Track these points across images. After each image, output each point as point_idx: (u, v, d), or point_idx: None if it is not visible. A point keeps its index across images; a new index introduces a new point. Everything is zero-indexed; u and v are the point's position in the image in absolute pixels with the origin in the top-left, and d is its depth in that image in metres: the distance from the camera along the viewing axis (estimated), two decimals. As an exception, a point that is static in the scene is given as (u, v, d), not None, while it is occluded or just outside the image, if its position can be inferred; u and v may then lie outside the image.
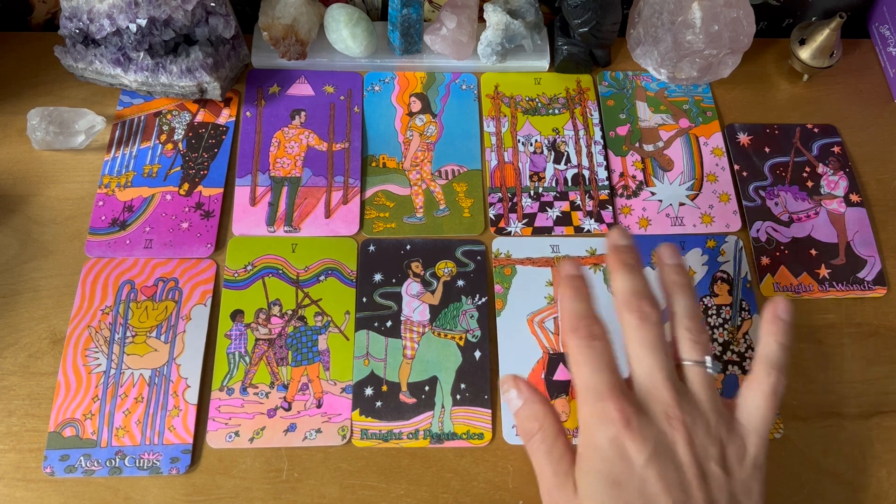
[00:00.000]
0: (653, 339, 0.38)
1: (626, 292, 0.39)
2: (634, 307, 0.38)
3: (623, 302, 0.39)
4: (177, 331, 0.48)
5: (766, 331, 0.40)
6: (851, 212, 0.55)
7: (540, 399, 0.40)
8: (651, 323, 0.38)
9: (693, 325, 0.39)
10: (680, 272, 0.41)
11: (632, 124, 0.58)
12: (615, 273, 0.40)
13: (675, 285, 0.41)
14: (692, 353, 0.39)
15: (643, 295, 0.39)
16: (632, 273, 0.40)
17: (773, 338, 0.39)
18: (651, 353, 0.37)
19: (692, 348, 0.39)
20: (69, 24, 0.52)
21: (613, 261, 0.40)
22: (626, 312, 0.39)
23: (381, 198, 0.54)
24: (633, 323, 0.38)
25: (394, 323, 0.49)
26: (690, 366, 0.38)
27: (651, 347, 0.37)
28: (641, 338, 0.38)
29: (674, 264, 0.42)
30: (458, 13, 0.57)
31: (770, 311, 0.40)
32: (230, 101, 0.58)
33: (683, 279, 0.41)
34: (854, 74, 0.63)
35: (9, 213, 0.52)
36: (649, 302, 0.39)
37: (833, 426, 0.48)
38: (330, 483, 0.45)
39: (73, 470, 0.44)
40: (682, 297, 0.40)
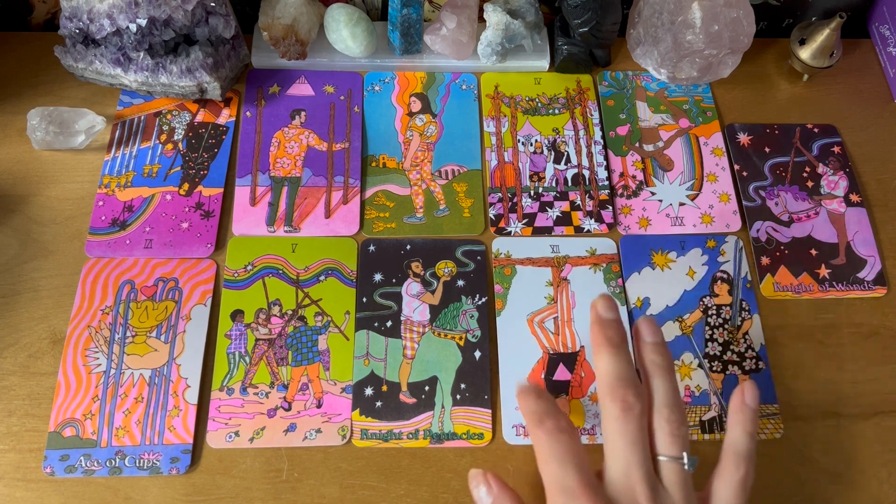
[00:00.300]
0: (633, 432, 0.37)
1: (610, 377, 0.38)
2: (619, 396, 0.37)
3: (607, 388, 0.38)
4: (177, 331, 0.48)
5: (734, 420, 0.39)
6: (851, 212, 0.55)
7: (509, 494, 0.39)
8: (633, 414, 0.37)
9: (673, 415, 0.38)
10: (660, 351, 0.40)
11: (632, 124, 0.58)
12: (599, 351, 0.39)
13: (656, 366, 0.39)
14: (670, 449, 0.37)
15: (627, 382, 0.37)
16: (616, 354, 0.38)
17: (740, 427, 0.39)
18: (629, 447, 0.36)
19: (671, 442, 0.37)
20: (69, 24, 0.52)
21: (598, 337, 0.39)
22: (608, 400, 0.37)
23: (381, 198, 0.54)
24: (615, 413, 0.37)
25: (394, 323, 0.49)
26: (667, 462, 0.37)
27: (630, 442, 0.36)
28: (622, 430, 0.37)
29: (654, 342, 0.40)
30: (458, 13, 0.57)
31: (737, 397, 0.40)
32: (230, 101, 0.58)
33: (665, 360, 0.39)
34: (854, 74, 0.63)
35: (9, 213, 0.52)
36: (633, 390, 0.37)
37: (833, 426, 0.48)
38: (330, 483, 0.45)
39: (73, 470, 0.44)
40: (662, 381, 0.39)
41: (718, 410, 0.48)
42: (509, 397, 0.47)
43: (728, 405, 0.40)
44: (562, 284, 0.51)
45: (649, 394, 0.39)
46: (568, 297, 0.51)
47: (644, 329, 0.41)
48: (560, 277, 0.51)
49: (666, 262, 0.52)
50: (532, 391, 0.39)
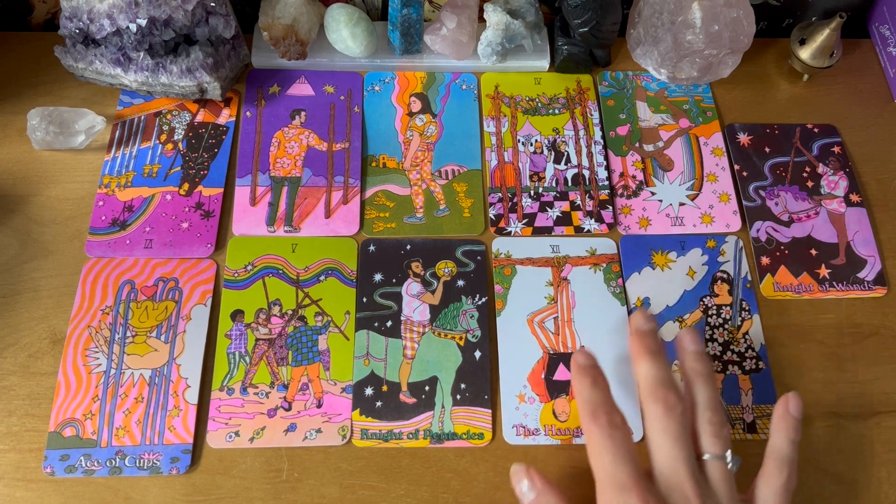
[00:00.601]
0: (677, 429, 0.38)
1: (651, 381, 0.40)
2: (660, 397, 0.39)
3: (648, 391, 0.40)
4: (177, 331, 0.48)
5: (778, 426, 0.41)
6: (851, 212, 0.55)
7: (553, 491, 0.40)
8: (676, 413, 0.39)
9: (715, 417, 0.40)
10: (702, 360, 0.42)
11: (632, 124, 0.58)
12: (639, 359, 0.41)
13: (697, 374, 0.41)
14: (714, 448, 0.39)
15: (668, 385, 0.40)
16: (656, 360, 0.41)
17: (784, 434, 0.41)
18: (675, 444, 0.38)
19: (714, 443, 0.39)
20: (69, 24, 0.52)
21: (637, 346, 0.42)
22: (650, 402, 0.40)
23: (381, 198, 0.54)
24: (658, 413, 0.39)
25: (394, 323, 0.49)
26: (711, 460, 0.39)
27: (675, 438, 0.38)
28: (665, 428, 0.39)
29: (695, 351, 0.42)
30: (458, 13, 0.57)
31: (781, 406, 0.42)
32: (230, 101, 0.58)
33: (706, 368, 0.42)
34: (854, 74, 0.63)
35: (9, 213, 0.52)
36: (674, 392, 0.40)
37: (833, 426, 0.48)
38: (330, 483, 0.45)
39: (73, 470, 0.44)
40: (703, 387, 0.41)
41: (718, 410, 0.48)
42: (509, 398, 0.47)
43: (773, 415, 0.42)
44: (562, 284, 0.51)
45: (691, 399, 0.41)
46: (568, 297, 0.51)
47: (686, 339, 0.43)
48: (560, 277, 0.51)
49: (666, 262, 0.52)
50: (588, 375, 0.41)
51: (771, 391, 0.48)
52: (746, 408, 0.48)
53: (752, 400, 0.48)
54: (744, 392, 0.48)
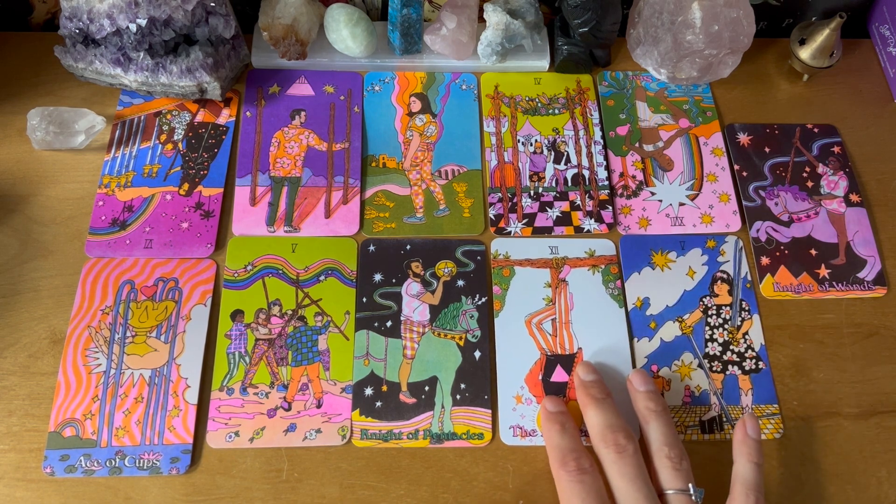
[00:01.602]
0: (632, 470, 0.40)
1: (599, 427, 0.42)
2: (610, 441, 0.41)
3: (599, 437, 0.41)
4: (177, 331, 0.48)
5: (739, 451, 0.42)
6: (851, 212, 0.55)
7: None
8: (628, 454, 0.40)
9: (673, 452, 0.41)
10: (653, 398, 0.43)
11: (632, 124, 0.58)
12: (586, 408, 0.43)
13: (651, 411, 0.43)
14: (675, 482, 0.40)
15: (616, 427, 0.41)
16: (601, 406, 0.42)
17: (746, 458, 0.41)
18: (632, 484, 0.39)
19: (674, 476, 0.40)
20: (69, 24, 0.52)
21: (583, 396, 0.44)
22: (602, 447, 0.41)
23: (381, 198, 0.54)
24: (611, 457, 0.40)
25: (394, 323, 0.49)
26: (673, 494, 0.40)
27: (632, 479, 0.39)
28: (621, 471, 0.40)
29: (646, 391, 0.44)
30: (458, 13, 0.57)
31: (740, 430, 0.42)
32: (230, 101, 0.58)
33: (658, 405, 0.43)
34: (854, 74, 0.63)
35: (9, 213, 0.52)
36: (624, 434, 0.41)
37: (833, 426, 0.48)
38: (330, 483, 0.45)
39: (73, 470, 0.44)
40: (658, 424, 0.42)
41: (718, 410, 0.48)
42: (507, 399, 0.47)
43: (733, 439, 0.43)
44: (560, 286, 0.51)
45: (647, 437, 0.42)
46: (566, 299, 0.51)
47: (636, 380, 0.45)
48: (559, 279, 0.51)
49: (666, 262, 0.52)
50: (557, 422, 0.43)
51: (771, 391, 0.48)
52: (746, 408, 0.48)
53: (752, 400, 0.48)
54: (744, 392, 0.48)
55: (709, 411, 0.48)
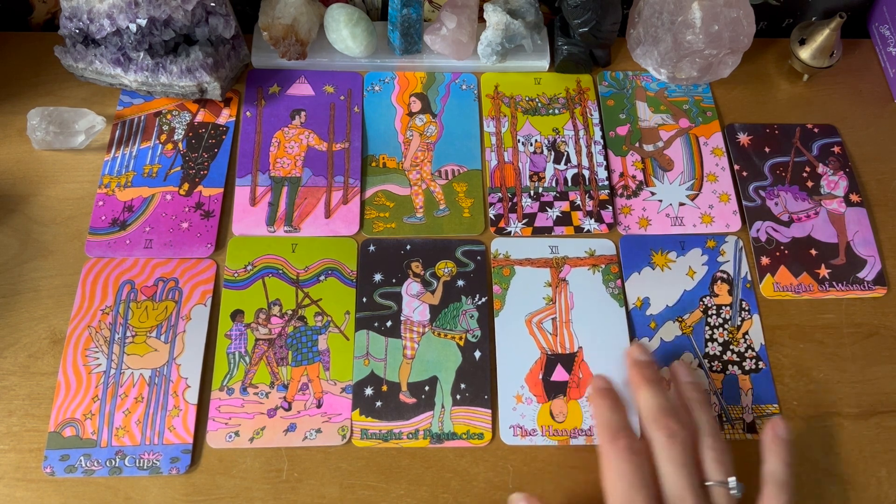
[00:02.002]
0: (681, 457, 0.40)
1: (652, 409, 0.41)
2: (662, 424, 0.41)
3: (650, 419, 0.41)
4: (177, 331, 0.48)
5: (770, 450, 0.42)
6: (851, 212, 0.55)
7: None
8: (679, 441, 0.40)
9: (717, 443, 0.41)
10: (698, 389, 0.44)
11: (632, 124, 0.58)
12: (639, 389, 0.43)
13: (695, 402, 0.43)
14: (717, 474, 0.40)
15: (670, 412, 0.41)
16: (656, 389, 0.42)
17: (777, 458, 0.42)
18: (680, 472, 0.39)
19: (717, 469, 0.40)
20: (69, 24, 0.52)
21: (636, 376, 0.43)
22: (654, 429, 0.41)
23: (381, 198, 0.54)
24: (662, 441, 0.40)
25: (394, 323, 0.49)
26: (715, 486, 0.40)
27: (680, 465, 0.39)
28: (670, 456, 0.40)
29: (690, 381, 0.45)
30: (458, 13, 0.57)
31: (770, 431, 0.43)
32: (230, 101, 0.58)
33: (702, 395, 0.44)
34: (854, 74, 0.63)
35: (9, 213, 0.52)
36: (676, 419, 0.41)
37: (833, 426, 0.48)
38: (330, 483, 0.45)
39: (73, 470, 0.44)
40: (702, 414, 0.42)
41: (718, 410, 0.48)
42: (507, 398, 0.47)
43: (762, 439, 0.43)
44: (560, 285, 0.51)
45: (693, 424, 0.42)
46: (566, 298, 0.51)
47: (680, 371, 0.45)
48: (559, 278, 0.51)
49: (666, 262, 0.52)
50: (608, 398, 0.42)
51: (771, 391, 0.48)
52: (746, 408, 0.48)
53: (751, 400, 0.48)
54: (743, 392, 0.48)
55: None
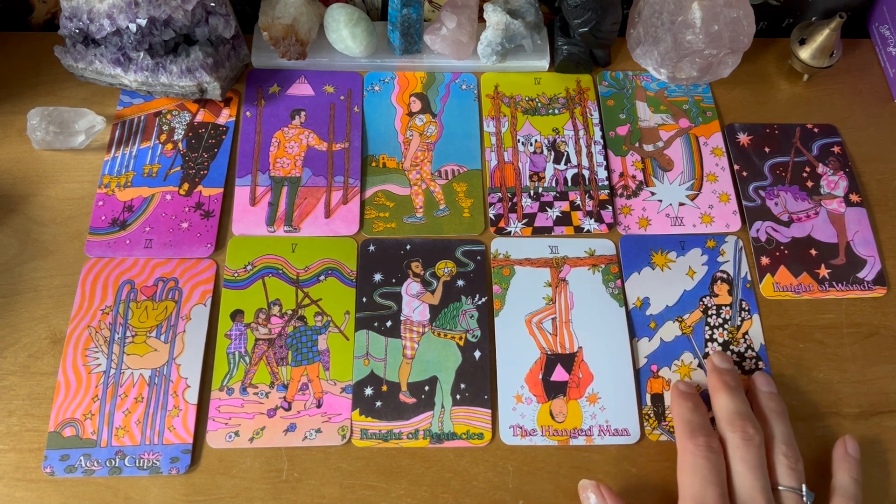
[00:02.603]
0: (754, 459, 0.41)
1: (729, 412, 0.43)
2: (738, 427, 0.42)
3: (727, 421, 0.43)
4: (177, 331, 0.48)
5: (841, 465, 0.44)
6: (851, 212, 0.55)
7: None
8: (754, 445, 0.41)
9: (790, 451, 0.42)
10: (776, 400, 0.45)
11: (632, 124, 0.58)
12: (718, 393, 0.44)
13: (772, 412, 0.44)
14: (789, 480, 0.42)
15: (746, 416, 0.43)
16: (734, 394, 0.44)
17: (847, 473, 0.44)
18: (753, 473, 0.40)
19: (789, 475, 0.42)
20: (69, 24, 0.52)
21: (716, 382, 0.45)
22: (729, 431, 0.42)
23: (381, 198, 0.54)
24: (737, 442, 0.42)
25: (394, 323, 0.49)
26: (786, 492, 0.41)
27: (753, 468, 0.41)
28: (744, 458, 0.41)
29: (769, 391, 0.46)
30: (458, 13, 0.57)
31: (840, 448, 0.45)
32: (230, 101, 0.58)
33: (780, 407, 0.45)
34: (854, 74, 0.63)
35: (9, 213, 0.52)
36: (752, 424, 0.42)
37: (833, 426, 0.48)
38: (330, 483, 0.45)
39: (73, 470, 0.44)
40: (779, 423, 0.44)
41: (718, 410, 0.48)
42: (507, 398, 0.47)
43: (833, 455, 0.45)
44: (560, 285, 0.51)
45: (768, 433, 0.43)
46: (566, 298, 0.51)
47: (760, 380, 0.47)
48: (559, 278, 0.51)
49: (666, 262, 0.52)
50: (690, 400, 0.44)
51: (771, 391, 0.48)
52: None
53: (751, 400, 0.48)
54: (743, 392, 0.48)
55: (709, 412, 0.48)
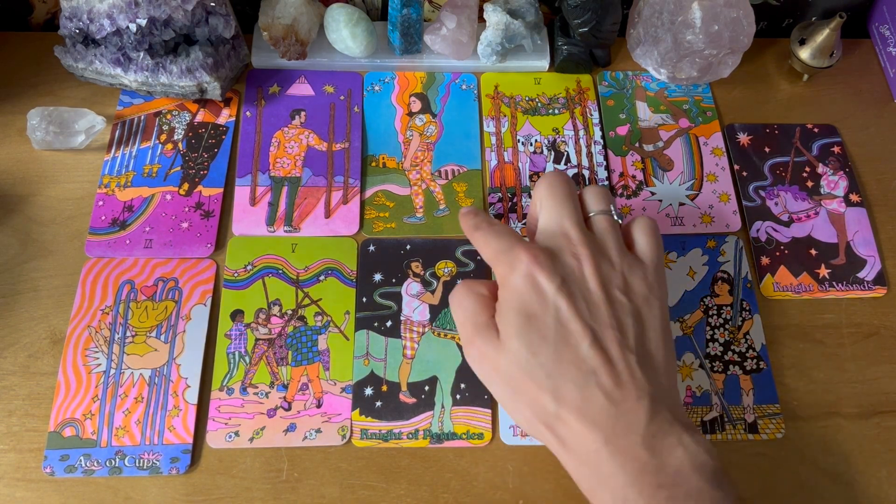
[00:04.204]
0: (562, 192, 0.41)
1: (548, 175, 0.43)
2: (548, 174, 0.43)
3: (541, 179, 0.43)
4: (177, 331, 0.48)
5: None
6: (851, 212, 0.55)
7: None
8: (561, 180, 0.42)
9: (597, 188, 0.43)
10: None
11: (632, 124, 0.58)
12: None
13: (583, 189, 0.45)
14: (598, 205, 0.42)
15: (566, 179, 0.43)
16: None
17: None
18: (560, 202, 0.41)
19: (598, 201, 0.42)
20: (69, 24, 0.52)
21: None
22: (540, 181, 0.43)
23: (381, 198, 0.54)
24: (544, 184, 0.42)
25: (394, 323, 0.49)
26: (595, 215, 0.42)
27: (560, 198, 0.41)
28: (551, 193, 0.41)
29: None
30: (458, 13, 0.57)
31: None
32: (230, 101, 0.58)
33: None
34: (854, 74, 0.63)
35: (9, 213, 0.52)
36: (567, 178, 0.43)
37: (833, 426, 0.48)
38: (330, 483, 0.45)
39: (73, 470, 0.44)
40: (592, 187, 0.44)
41: (720, 411, 0.48)
42: (509, 397, 0.47)
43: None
44: None
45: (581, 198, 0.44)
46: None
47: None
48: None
49: (666, 263, 0.52)
50: (469, 211, 0.44)
51: (772, 391, 0.48)
52: (748, 408, 0.48)
53: (753, 400, 0.48)
54: (745, 392, 0.48)
55: (710, 412, 0.48)
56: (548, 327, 0.37)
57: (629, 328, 0.38)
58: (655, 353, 0.39)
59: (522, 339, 0.38)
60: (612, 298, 0.39)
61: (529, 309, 0.38)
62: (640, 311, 0.39)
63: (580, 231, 0.40)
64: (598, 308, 0.38)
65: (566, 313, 0.38)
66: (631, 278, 0.40)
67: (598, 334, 0.38)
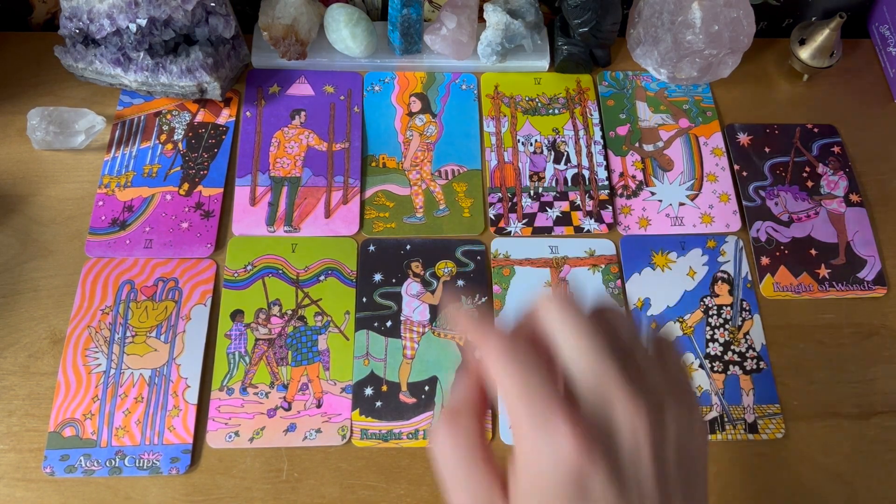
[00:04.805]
0: (588, 326, 0.28)
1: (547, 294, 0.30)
2: (557, 293, 0.30)
3: (545, 295, 0.30)
4: (177, 331, 0.48)
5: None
6: (851, 212, 0.55)
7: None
8: (575, 309, 0.29)
9: (614, 312, 0.32)
10: None
11: (632, 124, 0.58)
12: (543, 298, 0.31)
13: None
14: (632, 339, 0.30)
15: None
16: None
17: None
18: (592, 341, 0.28)
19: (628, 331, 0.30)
20: (69, 24, 0.52)
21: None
22: (549, 300, 0.30)
23: (381, 198, 0.54)
24: (556, 314, 0.29)
25: (394, 323, 0.49)
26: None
27: (589, 335, 0.28)
28: (576, 332, 0.28)
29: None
30: (458, 13, 0.57)
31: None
32: (230, 101, 0.58)
33: None
34: (854, 74, 0.63)
35: (9, 213, 0.52)
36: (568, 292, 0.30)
37: (833, 426, 0.48)
38: (330, 483, 0.45)
39: (73, 470, 0.44)
40: None
41: (720, 410, 0.48)
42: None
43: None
44: (560, 285, 0.51)
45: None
46: (568, 297, 0.51)
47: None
48: (559, 278, 0.51)
49: (666, 263, 0.52)
50: (475, 319, 0.29)
51: (772, 391, 0.48)
52: (748, 408, 0.48)
53: (753, 400, 0.48)
54: (745, 392, 0.48)
55: (710, 411, 0.48)
56: None
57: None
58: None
59: None
60: (664, 477, 0.27)
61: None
62: (690, 482, 0.28)
63: (633, 388, 0.27)
64: (646, 488, 0.26)
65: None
66: (687, 439, 0.28)
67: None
